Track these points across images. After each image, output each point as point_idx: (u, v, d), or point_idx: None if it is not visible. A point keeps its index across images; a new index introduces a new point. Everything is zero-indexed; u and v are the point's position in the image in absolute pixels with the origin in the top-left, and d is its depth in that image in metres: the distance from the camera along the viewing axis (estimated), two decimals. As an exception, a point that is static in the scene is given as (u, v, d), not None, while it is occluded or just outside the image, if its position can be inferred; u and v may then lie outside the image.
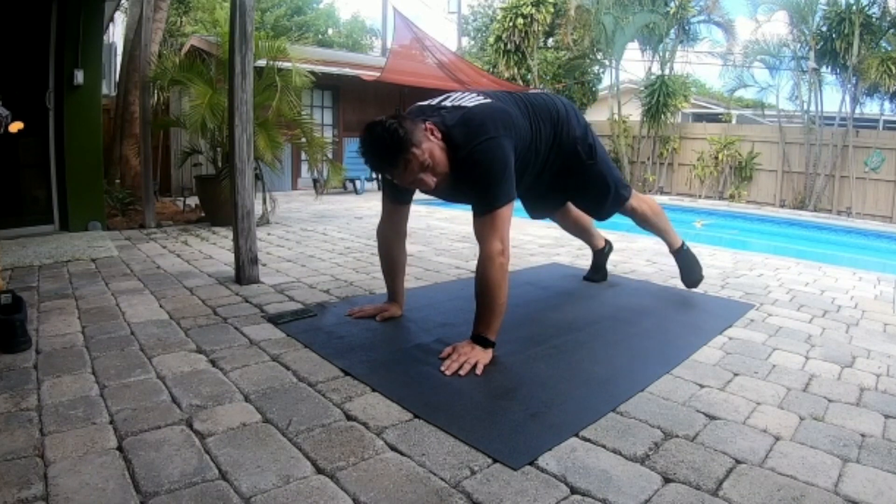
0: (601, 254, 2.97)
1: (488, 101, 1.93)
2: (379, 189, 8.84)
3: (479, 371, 1.71)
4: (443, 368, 1.71)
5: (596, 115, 12.31)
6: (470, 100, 1.92)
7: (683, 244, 2.75)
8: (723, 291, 2.92)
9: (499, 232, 1.78)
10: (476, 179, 1.80)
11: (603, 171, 2.34)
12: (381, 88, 8.95)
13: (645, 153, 11.02)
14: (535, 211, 2.68)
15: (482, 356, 1.76)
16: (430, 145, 1.76)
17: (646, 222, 2.62)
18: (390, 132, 1.70)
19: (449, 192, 1.94)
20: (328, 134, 8.91)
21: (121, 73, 6.43)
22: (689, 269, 2.75)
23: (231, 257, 3.00)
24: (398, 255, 2.23)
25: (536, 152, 2.09)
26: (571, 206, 2.71)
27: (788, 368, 1.86)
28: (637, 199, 2.55)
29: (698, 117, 13.57)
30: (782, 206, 9.58)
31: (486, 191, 1.79)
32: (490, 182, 1.79)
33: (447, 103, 1.94)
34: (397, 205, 2.14)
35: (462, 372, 1.69)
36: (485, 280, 1.79)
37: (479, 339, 1.80)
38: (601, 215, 2.57)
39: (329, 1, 31.47)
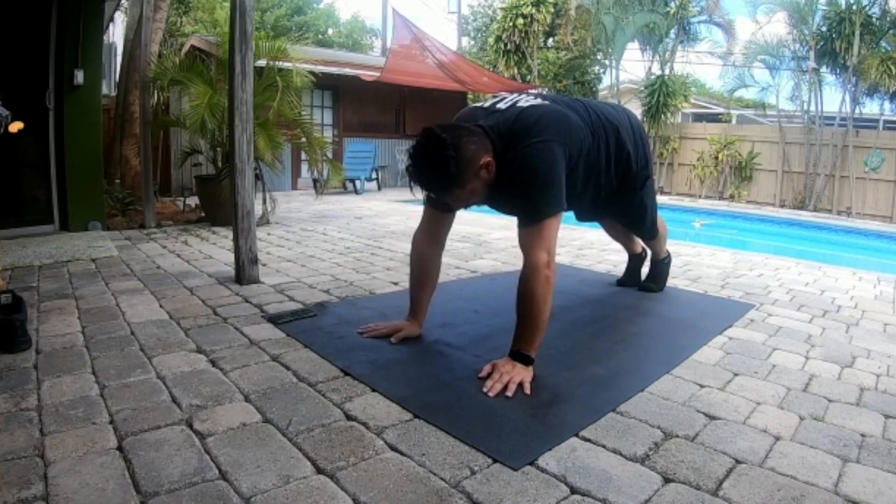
0: (638, 258, 2.91)
1: (544, 102, 1.82)
2: (379, 189, 8.85)
3: (527, 391, 1.57)
4: (485, 389, 1.57)
5: (596, 115, 12.30)
6: (525, 101, 1.81)
7: (667, 256, 2.86)
8: (723, 291, 2.92)
9: (546, 243, 1.66)
10: (522, 184, 1.68)
11: (647, 202, 2.36)
12: (381, 88, 8.95)
13: (645, 153, 11.01)
14: (584, 215, 2.62)
15: (525, 374, 1.62)
16: (474, 185, 1.68)
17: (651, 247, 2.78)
18: (442, 165, 1.59)
19: (494, 200, 1.82)
20: (328, 134, 8.91)
21: (121, 73, 6.43)
22: (657, 277, 2.84)
23: (231, 257, 3.00)
24: (431, 267, 2.03)
25: (597, 166, 1.97)
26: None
27: (788, 368, 1.86)
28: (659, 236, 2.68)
29: (698, 117, 13.57)
30: (782, 206, 9.58)
31: (532, 198, 1.67)
32: (537, 188, 1.66)
33: (501, 105, 1.82)
34: (439, 212, 1.94)
35: (508, 393, 1.55)
36: (529, 293, 1.65)
37: (520, 356, 1.66)
38: (642, 236, 2.69)
39: (329, 1, 31.49)
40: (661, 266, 2.82)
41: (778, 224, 8.17)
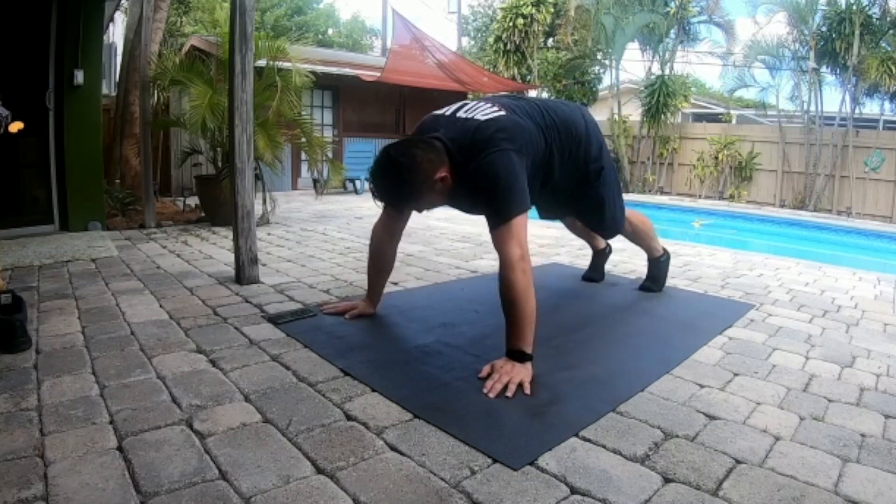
0: (601, 254, 2.99)
1: (502, 113, 1.90)
2: (379, 189, 8.84)
3: (527, 391, 1.59)
4: (485, 390, 1.58)
5: (596, 115, 12.06)
6: (484, 112, 1.90)
7: (664, 254, 2.82)
8: (723, 291, 2.92)
9: (517, 239, 1.73)
10: (487, 191, 1.77)
11: (603, 195, 2.32)
12: (381, 88, 8.95)
13: (645, 153, 11.02)
14: (545, 213, 2.68)
15: (524, 373, 1.64)
16: (431, 197, 1.84)
17: (636, 237, 2.72)
18: (399, 181, 1.76)
19: (462, 203, 1.99)
20: (328, 134, 8.91)
21: (121, 73, 6.43)
22: (656, 277, 2.81)
23: (231, 257, 3.00)
24: (387, 256, 2.23)
25: (549, 165, 2.06)
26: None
27: (788, 368, 1.86)
28: (627, 223, 2.60)
29: (698, 117, 13.57)
30: (782, 206, 9.58)
31: (497, 202, 1.77)
32: (501, 193, 1.76)
33: (461, 113, 1.93)
34: (396, 211, 2.11)
35: (508, 394, 1.56)
36: (510, 288, 1.70)
37: (516, 354, 1.68)
38: (603, 234, 2.65)
39: (329, 1, 31.50)
40: (659, 265, 2.81)
41: (778, 224, 8.17)
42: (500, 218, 1.76)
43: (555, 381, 1.67)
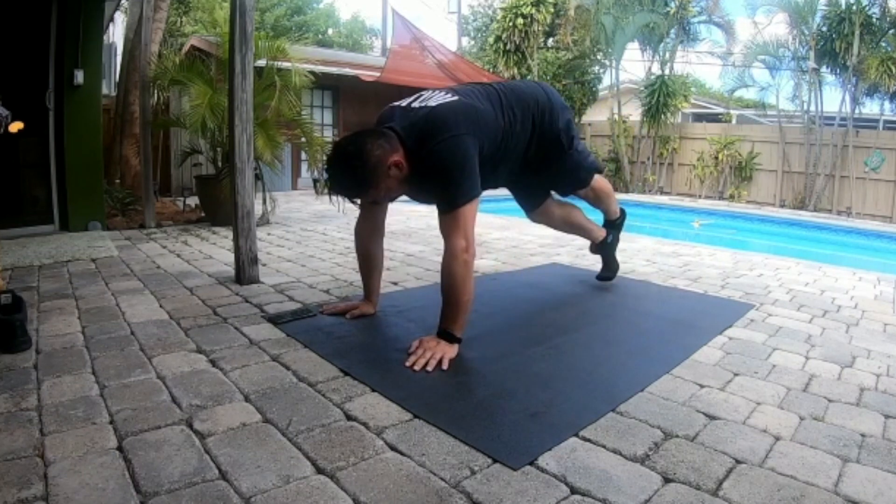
0: (604, 245, 2.87)
1: (454, 98, 1.95)
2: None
3: (444, 366, 1.73)
4: (408, 364, 1.72)
5: (596, 115, 12.33)
6: (437, 98, 1.95)
7: (622, 213, 2.85)
8: (723, 291, 2.92)
9: (462, 229, 1.81)
10: (437, 177, 1.83)
11: (578, 160, 2.39)
12: (381, 88, 8.94)
13: (645, 153, 11.01)
14: (527, 203, 2.65)
15: (448, 351, 1.78)
16: (388, 183, 1.84)
17: (597, 201, 2.72)
18: (352, 170, 1.79)
19: (415, 192, 2.01)
20: (328, 134, 8.91)
21: (121, 73, 6.43)
22: (607, 261, 2.88)
23: (231, 257, 3.00)
24: (375, 253, 2.25)
25: (512, 141, 2.10)
26: (552, 207, 2.67)
27: (788, 368, 1.86)
28: (589, 189, 2.62)
29: (698, 117, 13.56)
30: (782, 206, 9.58)
31: (447, 188, 1.83)
32: (451, 179, 1.82)
33: (416, 104, 1.98)
34: (374, 203, 2.15)
35: (429, 368, 1.70)
36: (449, 277, 1.81)
37: (445, 335, 1.82)
38: (581, 187, 2.60)
39: (329, 1, 31.51)
40: (615, 227, 2.84)
41: (778, 224, 8.17)
42: (448, 206, 1.83)
43: (555, 381, 1.68)
